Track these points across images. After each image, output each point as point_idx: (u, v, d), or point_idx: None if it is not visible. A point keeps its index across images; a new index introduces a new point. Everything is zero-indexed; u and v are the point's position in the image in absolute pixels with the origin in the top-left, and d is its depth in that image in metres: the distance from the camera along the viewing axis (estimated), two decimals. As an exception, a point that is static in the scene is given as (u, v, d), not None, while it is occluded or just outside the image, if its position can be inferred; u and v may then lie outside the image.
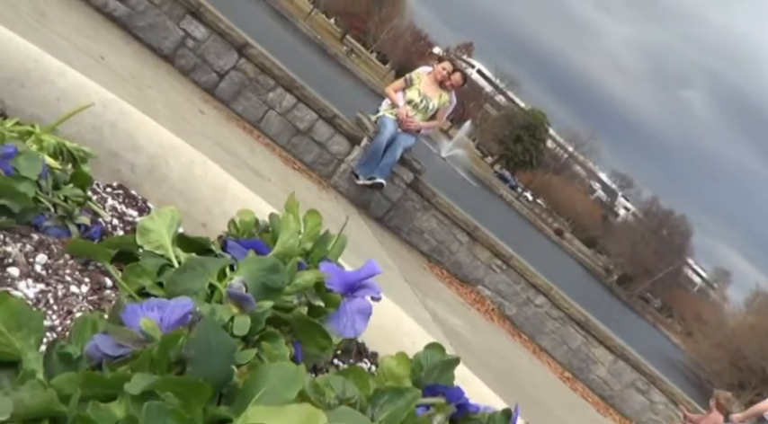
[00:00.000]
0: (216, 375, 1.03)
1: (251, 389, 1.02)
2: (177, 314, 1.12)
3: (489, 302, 13.49)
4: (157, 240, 1.42)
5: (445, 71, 11.82)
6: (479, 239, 13.27)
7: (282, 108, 11.38)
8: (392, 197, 12.17)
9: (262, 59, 11.21)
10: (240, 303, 1.23)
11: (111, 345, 1.05)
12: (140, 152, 1.88)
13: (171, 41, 10.73)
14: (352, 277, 1.49)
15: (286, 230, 1.54)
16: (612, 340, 14.47)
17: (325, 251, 1.62)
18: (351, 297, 1.47)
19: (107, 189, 1.76)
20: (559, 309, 13.99)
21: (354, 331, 1.41)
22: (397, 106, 11.72)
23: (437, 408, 1.28)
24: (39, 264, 1.31)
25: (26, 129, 1.57)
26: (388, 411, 1.17)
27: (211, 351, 1.04)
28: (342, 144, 11.75)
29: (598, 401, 13.91)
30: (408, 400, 1.19)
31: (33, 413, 0.89)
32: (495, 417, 1.31)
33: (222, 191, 1.95)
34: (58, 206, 1.46)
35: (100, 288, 1.34)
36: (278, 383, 1.02)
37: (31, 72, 1.82)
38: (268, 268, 1.36)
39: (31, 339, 1.03)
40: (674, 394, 14.62)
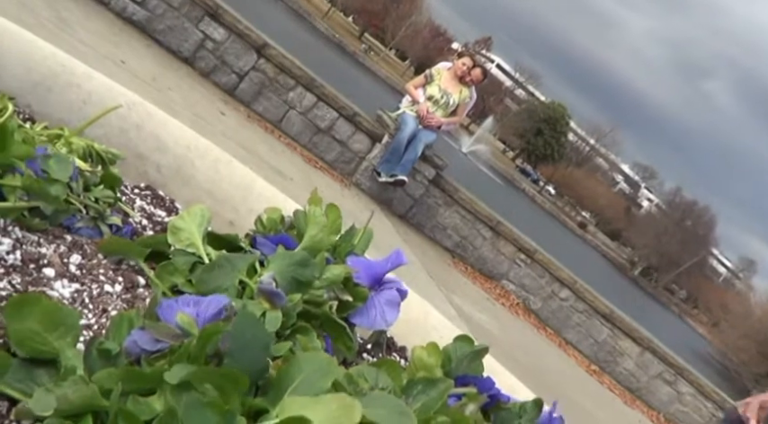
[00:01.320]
0: (252, 368, 1.04)
1: (286, 380, 1.04)
2: (213, 310, 1.13)
3: (514, 296, 13.48)
4: (188, 238, 1.44)
5: (465, 67, 11.80)
6: (503, 233, 13.26)
7: (303, 107, 11.40)
8: (414, 193, 12.17)
9: (281, 59, 11.23)
10: (271, 298, 1.24)
11: (149, 340, 1.06)
12: (166, 153, 1.90)
13: (190, 44, 10.77)
14: (379, 268, 1.50)
15: (314, 225, 1.55)
16: (638, 331, 14.42)
17: (351, 245, 1.62)
18: (379, 290, 1.48)
19: (135, 190, 1.78)
20: (584, 302, 13.96)
21: (386, 322, 1.42)
22: (417, 103, 11.72)
23: (469, 397, 1.29)
24: (73, 264, 1.33)
25: (55, 132, 1.59)
26: (421, 401, 1.18)
27: (248, 344, 1.05)
28: (363, 141, 11.76)
29: (625, 394, 13.87)
30: (441, 390, 1.20)
31: (76, 408, 0.91)
32: (526, 406, 1.32)
33: (248, 190, 1.96)
34: (89, 207, 1.48)
35: (133, 287, 1.36)
36: (312, 373, 1.03)
37: (57, 76, 1.84)
38: (297, 262, 1.38)
39: (67, 337, 1.05)
40: (702, 385, 14.55)
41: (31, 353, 1.01)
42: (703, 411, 14.50)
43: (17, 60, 1.78)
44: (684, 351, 20.29)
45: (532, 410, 1.31)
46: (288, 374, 1.04)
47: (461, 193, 12.75)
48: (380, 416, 0.98)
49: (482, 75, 12.07)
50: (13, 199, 1.31)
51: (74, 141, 1.58)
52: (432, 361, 1.37)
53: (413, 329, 1.81)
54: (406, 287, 1.52)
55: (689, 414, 14.41)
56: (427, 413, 1.11)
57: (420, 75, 12.40)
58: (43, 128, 1.59)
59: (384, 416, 0.99)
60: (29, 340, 1.00)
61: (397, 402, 1.05)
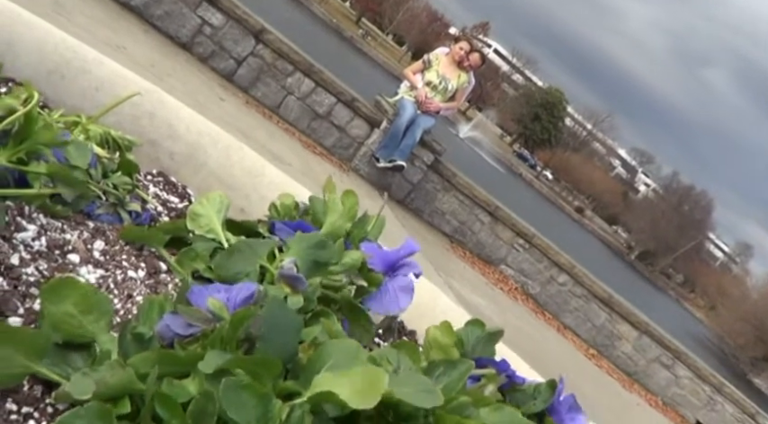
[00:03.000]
0: (283, 352, 1.07)
1: (316, 364, 1.06)
2: (243, 295, 1.15)
3: (513, 281, 13.51)
4: (208, 224, 1.46)
5: (463, 51, 11.78)
6: (501, 218, 13.28)
7: (301, 92, 11.39)
8: (413, 179, 12.18)
9: (279, 44, 11.21)
10: (292, 283, 1.26)
11: (182, 324, 1.08)
12: (178, 140, 1.92)
13: (188, 29, 10.75)
14: (392, 256, 1.52)
15: (333, 211, 1.57)
16: (636, 315, 14.46)
17: (365, 231, 1.64)
18: (392, 276, 1.49)
19: (148, 177, 1.80)
20: (582, 286, 13.99)
21: (398, 306, 1.44)
22: (415, 88, 11.71)
23: (488, 378, 1.31)
24: (97, 250, 1.36)
25: (72, 120, 1.60)
26: (442, 383, 1.20)
27: (279, 328, 1.08)
28: (361, 127, 11.76)
29: (623, 377, 13.92)
30: (462, 371, 1.22)
31: (113, 392, 0.93)
32: (540, 388, 1.34)
33: (259, 177, 1.98)
34: (108, 193, 1.50)
35: (156, 273, 1.38)
36: (341, 358, 1.06)
37: (69, 63, 1.85)
38: (316, 244, 1.40)
39: (101, 321, 1.07)
40: (699, 369, 14.61)
41: (66, 336, 1.02)
42: (701, 395, 14.57)
43: (31, 48, 1.79)
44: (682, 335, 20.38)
45: (546, 391, 1.33)
46: (318, 359, 1.06)
47: (459, 178, 12.75)
48: (407, 394, 1.00)
49: (480, 59, 12.06)
50: (38, 186, 1.32)
51: (91, 128, 1.60)
52: (447, 341, 1.39)
53: (422, 313, 1.83)
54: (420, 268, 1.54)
55: (686, 397, 14.48)
56: (449, 394, 1.13)
57: (418, 60, 12.38)
58: (60, 115, 1.60)
59: (410, 394, 1.00)
60: (65, 323, 1.02)
61: (423, 380, 1.07)
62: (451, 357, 1.33)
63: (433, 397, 1.02)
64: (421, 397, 1.01)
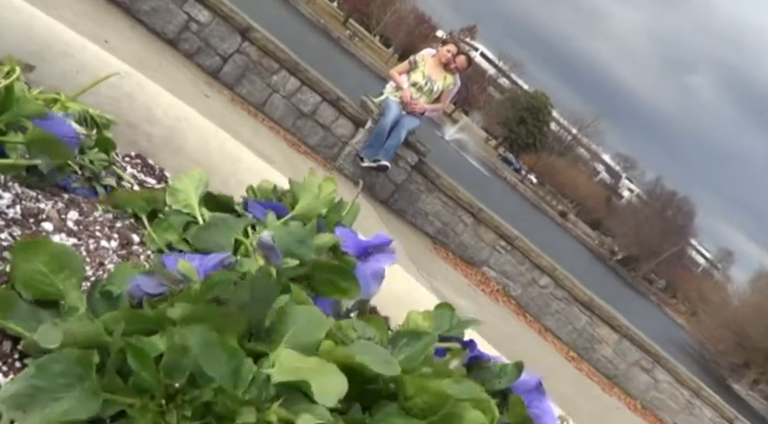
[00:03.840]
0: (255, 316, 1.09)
1: (281, 329, 1.08)
2: (215, 261, 1.17)
3: (494, 283, 13.54)
4: (185, 199, 1.48)
5: (450, 53, 11.79)
6: (484, 220, 13.31)
7: (286, 91, 11.39)
8: (397, 179, 12.19)
9: (265, 42, 11.21)
10: (268, 254, 1.27)
11: (152, 284, 1.09)
12: (157, 123, 1.92)
13: (174, 25, 10.74)
14: (365, 243, 1.54)
15: (307, 193, 1.59)
16: (617, 319, 14.52)
17: (339, 216, 1.66)
18: (365, 261, 1.51)
19: (125, 159, 1.80)
20: (564, 289, 14.04)
21: (368, 292, 1.46)
22: (401, 88, 11.71)
23: (453, 353, 1.33)
24: (71, 220, 1.37)
25: (51, 97, 1.61)
26: (405, 353, 1.22)
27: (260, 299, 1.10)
28: (346, 126, 11.76)
29: (603, 381, 13.96)
30: (426, 343, 1.24)
31: (81, 343, 0.93)
32: (506, 368, 1.36)
33: (237, 162, 1.99)
34: (84, 168, 1.51)
35: (128, 244, 1.39)
36: (306, 324, 1.08)
37: (52, 46, 1.86)
38: (297, 239, 1.43)
39: (71, 279, 1.08)
40: (678, 373, 14.67)
41: (36, 294, 1.04)
42: (680, 399, 14.62)
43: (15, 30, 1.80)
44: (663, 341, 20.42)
45: (512, 371, 1.35)
46: (283, 323, 1.08)
47: (443, 179, 12.77)
48: (368, 360, 1.02)
49: (466, 62, 12.07)
50: (14, 156, 1.33)
51: (69, 105, 1.61)
52: (426, 325, 1.42)
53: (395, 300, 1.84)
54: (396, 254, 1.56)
55: (665, 401, 14.54)
56: (412, 364, 1.15)
57: (405, 61, 12.39)
58: (39, 92, 1.61)
59: (371, 361, 1.02)
60: (35, 280, 1.03)
61: (382, 351, 1.09)
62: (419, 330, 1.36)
63: (391, 366, 1.04)
64: (380, 366, 1.03)
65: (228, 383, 0.96)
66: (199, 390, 0.96)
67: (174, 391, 0.96)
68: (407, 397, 1.08)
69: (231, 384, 0.97)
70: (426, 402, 1.06)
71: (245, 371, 0.98)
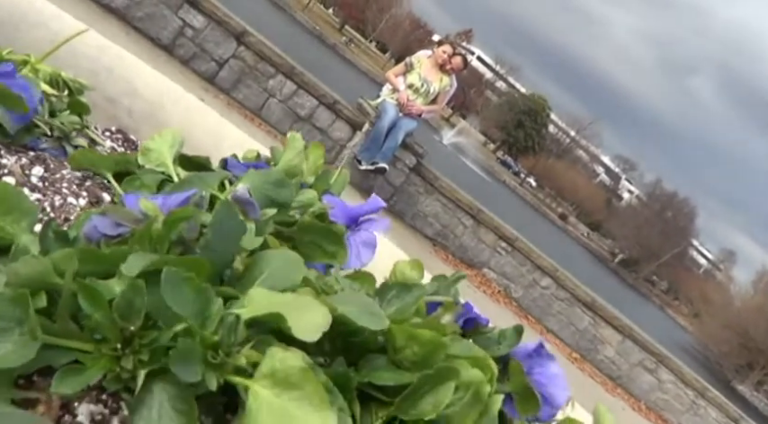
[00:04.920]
0: (221, 258, 1.02)
1: (254, 272, 1.01)
2: (179, 199, 1.10)
3: (495, 284, 13.50)
4: (158, 158, 1.42)
5: (446, 54, 11.76)
6: (484, 222, 13.27)
7: (283, 95, 11.37)
8: (395, 181, 12.16)
9: (261, 47, 11.20)
10: (245, 208, 1.20)
11: (110, 225, 1.03)
12: (138, 97, 1.87)
13: (169, 31, 10.72)
14: (355, 210, 1.48)
15: (291, 149, 1.53)
16: (619, 320, 14.48)
17: (327, 184, 1.61)
18: (355, 230, 1.45)
19: (105, 133, 1.75)
20: (565, 290, 14.00)
21: (360, 261, 1.39)
22: (397, 91, 11.68)
23: (445, 307, 1.27)
24: (35, 176, 1.31)
25: (21, 58, 1.56)
26: (395, 306, 1.16)
27: (225, 236, 1.03)
28: (343, 130, 11.73)
29: (606, 382, 13.92)
30: (416, 295, 1.18)
31: (27, 284, 0.86)
32: (506, 332, 1.30)
33: (220, 137, 1.94)
34: (54, 129, 1.46)
35: (98, 202, 1.33)
36: (281, 267, 1.01)
37: (26, 15, 1.82)
38: (274, 182, 1.35)
39: (22, 222, 1.02)
40: (683, 373, 14.63)
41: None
42: (684, 399, 14.58)
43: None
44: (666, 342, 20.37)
45: (512, 336, 1.29)
46: (256, 266, 1.02)
47: (442, 181, 12.75)
48: (351, 313, 0.95)
49: (462, 63, 12.04)
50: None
51: (40, 67, 1.56)
52: (414, 275, 1.35)
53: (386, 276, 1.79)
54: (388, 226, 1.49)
55: (669, 402, 14.49)
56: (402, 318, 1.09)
57: (401, 63, 12.36)
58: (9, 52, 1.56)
59: (355, 313, 0.96)
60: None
61: (368, 301, 1.02)
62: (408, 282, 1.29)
63: (378, 319, 0.98)
64: (365, 318, 0.97)
65: (196, 323, 0.89)
66: (158, 332, 0.90)
67: (130, 334, 0.89)
68: (397, 349, 1.02)
69: (198, 325, 0.90)
70: (417, 354, 1.00)
71: (213, 310, 0.91)
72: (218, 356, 0.88)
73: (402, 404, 0.96)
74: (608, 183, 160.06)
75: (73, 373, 0.85)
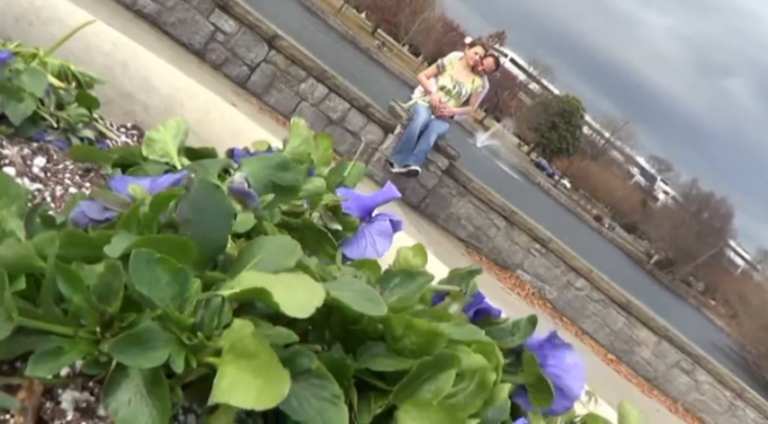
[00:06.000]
0: (211, 240, 1.00)
1: (246, 256, 0.99)
2: (167, 182, 1.09)
3: (529, 286, 13.44)
4: (163, 149, 1.40)
5: (477, 56, 11.73)
6: (517, 223, 13.22)
7: (314, 98, 11.39)
8: (428, 184, 12.15)
9: (292, 51, 11.22)
10: (242, 199, 1.18)
11: (98, 209, 1.02)
12: (154, 93, 1.87)
13: (201, 36, 10.78)
14: (369, 201, 1.46)
15: (296, 136, 1.51)
16: (655, 321, 14.36)
17: (341, 177, 1.59)
18: (369, 221, 1.44)
19: (121, 129, 1.74)
20: (600, 291, 13.91)
21: (376, 251, 1.37)
22: (429, 93, 11.67)
23: (452, 296, 1.25)
24: (37, 167, 1.31)
25: (30, 52, 1.57)
26: (398, 295, 1.15)
27: (206, 213, 1.01)
28: (375, 132, 11.73)
29: (642, 383, 13.81)
30: (420, 283, 1.16)
31: (8, 266, 0.85)
32: (519, 323, 1.28)
33: (238, 134, 1.93)
34: (61, 121, 1.46)
35: (101, 193, 1.33)
36: (275, 251, 0.98)
37: (39, 10, 1.82)
38: (277, 165, 1.31)
39: (11, 206, 1.01)
40: (720, 374, 14.48)
41: (-31, 222, 0.97)
42: (722, 400, 14.43)
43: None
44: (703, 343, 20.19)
45: (526, 327, 1.26)
46: (249, 251, 0.99)
47: (474, 183, 12.71)
48: (348, 298, 0.94)
49: (494, 63, 12.00)
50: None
51: (48, 61, 1.56)
52: (417, 261, 1.33)
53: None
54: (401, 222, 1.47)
55: (707, 403, 14.35)
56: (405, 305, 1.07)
57: (432, 65, 12.35)
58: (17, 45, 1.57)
59: (351, 298, 0.94)
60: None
61: (367, 288, 1.00)
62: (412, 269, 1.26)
63: (375, 305, 0.96)
64: (363, 304, 0.95)
65: (170, 305, 0.88)
66: (136, 315, 0.89)
67: (109, 318, 0.88)
68: (396, 338, 1.00)
69: (174, 308, 0.89)
70: (415, 343, 0.98)
71: (191, 292, 0.90)
72: (195, 338, 0.87)
73: (401, 392, 0.95)
74: (643, 184, 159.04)
75: (49, 356, 0.85)
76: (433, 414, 0.89)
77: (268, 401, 0.79)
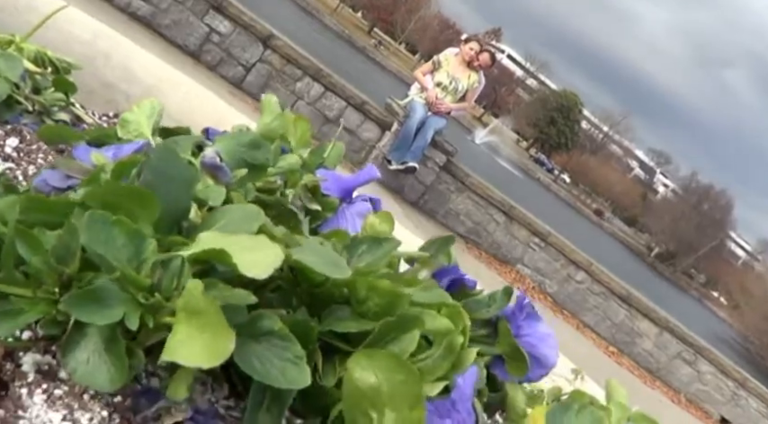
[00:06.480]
0: (172, 205, 1.00)
1: (209, 221, 0.99)
2: (130, 149, 1.09)
3: (530, 280, 13.44)
4: (137, 129, 1.40)
5: (473, 51, 11.73)
6: (516, 218, 13.22)
7: (311, 97, 11.39)
8: (426, 180, 12.14)
9: (287, 50, 11.22)
10: (215, 173, 1.18)
11: (60, 177, 1.02)
12: (136, 83, 1.88)
13: (196, 37, 10.78)
14: (349, 181, 1.47)
15: (268, 113, 1.52)
16: (656, 312, 14.36)
17: (321, 158, 1.59)
18: (349, 202, 1.44)
19: (103, 118, 1.75)
20: (601, 284, 13.92)
21: (356, 231, 1.38)
22: (425, 89, 11.67)
23: (421, 263, 1.26)
24: (9, 147, 1.32)
25: (6, 39, 1.57)
26: (365, 261, 1.15)
27: (167, 178, 1.01)
28: (372, 130, 11.73)
29: (645, 375, 13.82)
30: (387, 249, 1.17)
31: None
32: (495, 295, 1.29)
33: (220, 122, 1.94)
34: (36, 104, 1.46)
35: (74, 173, 1.33)
36: (238, 218, 0.99)
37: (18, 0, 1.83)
38: (248, 143, 1.31)
39: None
40: (722, 364, 14.49)
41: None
42: (725, 390, 14.44)
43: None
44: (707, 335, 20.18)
45: (502, 298, 1.27)
46: (212, 217, 1.00)
47: (473, 178, 12.71)
48: (312, 261, 0.95)
49: (490, 59, 11.99)
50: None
51: (24, 47, 1.57)
52: (385, 229, 1.33)
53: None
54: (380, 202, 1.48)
55: (710, 393, 14.36)
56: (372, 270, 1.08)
57: (428, 61, 12.34)
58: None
59: (315, 262, 0.95)
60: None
61: (331, 252, 1.01)
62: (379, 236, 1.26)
63: (339, 269, 0.97)
64: (327, 268, 0.96)
65: (127, 266, 0.89)
66: (94, 274, 0.90)
67: (68, 278, 0.89)
68: (360, 301, 1.01)
69: (131, 268, 0.89)
70: (379, 304, 0.99)
71: (147, 253, 0.91)
72: (152, 298, 0.88)
73: (365, 353, 0.95)
74: (643, 178, 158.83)
75: (8, 316, 0.86)
76: (382, 362, 0.89)
77: (213, 358, 0.80)
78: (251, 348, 0.87)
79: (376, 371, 0.89)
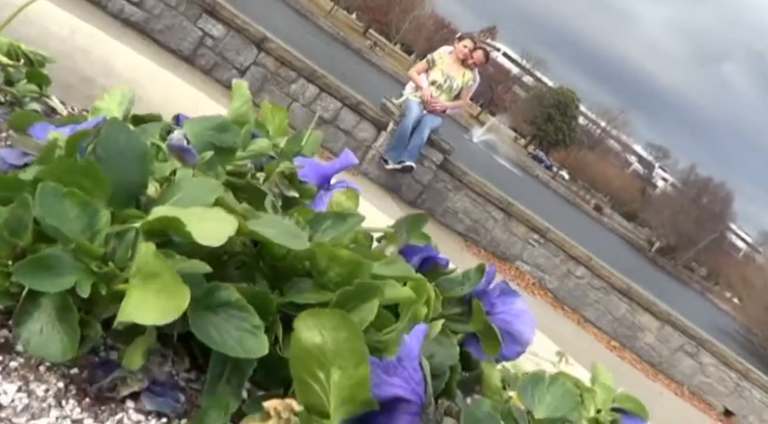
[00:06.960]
0: (127, 178, 1.00)
1: (166, 195, 1.00)
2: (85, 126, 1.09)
3: (530, 277, 13.43)
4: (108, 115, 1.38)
5: (467, 49, 11.74)
6: (514, 214, 13.22)
7: (306, 99, 11.39)
8: (423, 179, 12.14)
9: (281, 52, 11.22)
10: (181, 155, 1.18)
11: (16, 155, 1.03)
12: (115, 77, 1.88)
13: (189, 42, 10.78)
14: (326, 168, 1.46)
15: (238, 97, 1.52)
16: (657, 305, 14.36)
17: (299, 146, 1.59)
18: (327, 188, 1.44)
19: (83, 113, 1.75)
20: (601, 279, 13.91)
21: None
22: (420, 88, 11.67)
23: (388, 238, 1.25)
24: None
25: None
26: (330, 236, 1.15)
27: (119, 151, 1.01)
28: (368, 130, 11.73)
29: (647, 368, 13.81)
30: (351, 224, 1.17)
31: None
32: (468, 273, 1.28)
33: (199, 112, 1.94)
34: (8, 95, 1.46)
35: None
36: (195, 190, 1.00)
37: None
38: (216, 126, 1.31)
39: None
40: (724, 355, 14.49)
41: None
42: (728, 382, 14.44)
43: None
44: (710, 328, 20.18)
45: (475, 275, 1.27)
46: (170, 190, 1.00)
47: (470, 176, 12.70)
48: (271, 233, 0.95)
49: (484, 56, 12.00)
50: None
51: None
52: (350, 205, 1.33)
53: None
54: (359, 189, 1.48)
55: (713, 385, 14.36)
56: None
57: (423, 60, 12.34)
58: None
59: (274, 234, 0.95)
60: None
61: (290, 225, 1.01)
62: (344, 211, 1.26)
63: (298, 240, 0.97)
64: (286, 239, 0.96)
65: (80, 237, 0.89)
66: (47, 246, 0.90)
67: (21, 250, 0.90)
68: (320, 272, 1.01)
69: (84, 239, 0.89)
70: (340, 274, 0.99)
71: (100, 225, 0.91)
72: (105, 267, 0.88)
73: (324, 323, 0.95)
74: (642, 172, 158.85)
75: None
76: (327, 320, 0.89)
77: (167, 315, 0.80)
78: (208, 319, 0.87)
79: (321, 330, 0.89)
